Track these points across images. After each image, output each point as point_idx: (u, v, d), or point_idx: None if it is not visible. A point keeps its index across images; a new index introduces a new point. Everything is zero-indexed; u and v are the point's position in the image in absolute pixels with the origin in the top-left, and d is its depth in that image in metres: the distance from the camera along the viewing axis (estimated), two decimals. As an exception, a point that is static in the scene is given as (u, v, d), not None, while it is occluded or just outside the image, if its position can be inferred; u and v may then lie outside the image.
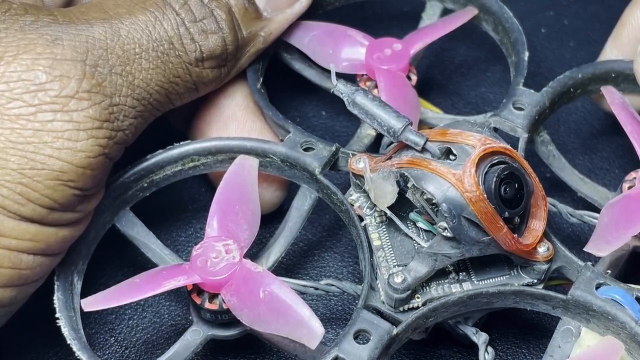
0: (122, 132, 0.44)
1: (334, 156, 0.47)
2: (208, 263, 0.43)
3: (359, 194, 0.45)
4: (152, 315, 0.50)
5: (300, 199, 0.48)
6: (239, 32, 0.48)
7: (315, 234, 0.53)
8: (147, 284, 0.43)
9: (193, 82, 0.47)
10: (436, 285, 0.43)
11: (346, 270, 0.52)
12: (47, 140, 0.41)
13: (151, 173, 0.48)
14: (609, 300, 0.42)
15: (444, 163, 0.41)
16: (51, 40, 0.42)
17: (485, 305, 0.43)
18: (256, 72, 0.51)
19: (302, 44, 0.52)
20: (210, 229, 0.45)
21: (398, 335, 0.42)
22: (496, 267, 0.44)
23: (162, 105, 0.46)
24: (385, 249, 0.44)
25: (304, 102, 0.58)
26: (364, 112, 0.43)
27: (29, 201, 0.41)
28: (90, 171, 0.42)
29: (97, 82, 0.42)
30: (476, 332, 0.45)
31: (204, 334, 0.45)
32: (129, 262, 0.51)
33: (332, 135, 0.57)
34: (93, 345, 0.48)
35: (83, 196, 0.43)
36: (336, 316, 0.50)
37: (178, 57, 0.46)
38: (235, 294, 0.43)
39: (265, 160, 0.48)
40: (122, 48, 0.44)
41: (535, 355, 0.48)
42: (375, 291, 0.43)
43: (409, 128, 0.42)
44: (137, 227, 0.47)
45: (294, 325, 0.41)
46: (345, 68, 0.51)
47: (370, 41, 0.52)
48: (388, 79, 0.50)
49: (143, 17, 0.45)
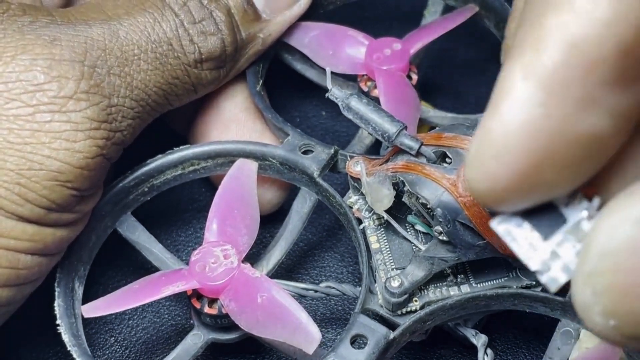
0: (120, 133, 0.44)
1: (333, 159, 0.47)
2: (206, 268, 0.43)
3: (358, 196, 0.45)
4: (152, 315, 0.50)
5: (300, 201, 0.48)
6: (238, 33, 0.48)
7: (316, 234, 0.53)
8: (147, 290, 0.44)
9: (192, 84, 0.47)
10: (434, 288, 0.43)
11: (346, 271, 0.52)
12: (45, 141, 0.41)
13: (151, 178, 0.48)
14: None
15: (439, 168, 0.41)
16: (49, 40, 0.42)
17: (483, 307, 0.43)
18: (256, 74, 0.51)
19: (302, 45, 0.52)
20: (209, 233, 0.45)
21: (395, 340, 0.42)
22: (494, 269, 0.44)
23: (160, 107, 0.46)
24: (383, 251, 0.44)
25: (305, 102, 0.58)
26: (358, 116, 0.43)
27: (26, 201, 0.41)
28: (88, 172, 0.42)
29: (95, 82, 0.42)
30: (475, 334, 0.45)
31: (205, 337, 0.45)
32: (131, 265, 0.51)
33: (333, 135, 0.57)
34: (93, 345, 0.49)
35: (81, 197, 0.43)
36: (336, 317, 0.50)
37: (177, 58, 0.46)
38: (234, 299, 0.43)
39: (265, 163, 0.48)
40: (121, 49, 0.44)
41: (535, 356, 0.48)
42: (374, 294, 0.43)
43: (403, 132, 0.42)
44: (139, 231, 0.47)
45: (292, 330, 0.42)
46: (346, 68, 0.51)
47: (370, 41, 0.51)
48: (388, 79, 0.49)
49: (142, 18, 0.45)
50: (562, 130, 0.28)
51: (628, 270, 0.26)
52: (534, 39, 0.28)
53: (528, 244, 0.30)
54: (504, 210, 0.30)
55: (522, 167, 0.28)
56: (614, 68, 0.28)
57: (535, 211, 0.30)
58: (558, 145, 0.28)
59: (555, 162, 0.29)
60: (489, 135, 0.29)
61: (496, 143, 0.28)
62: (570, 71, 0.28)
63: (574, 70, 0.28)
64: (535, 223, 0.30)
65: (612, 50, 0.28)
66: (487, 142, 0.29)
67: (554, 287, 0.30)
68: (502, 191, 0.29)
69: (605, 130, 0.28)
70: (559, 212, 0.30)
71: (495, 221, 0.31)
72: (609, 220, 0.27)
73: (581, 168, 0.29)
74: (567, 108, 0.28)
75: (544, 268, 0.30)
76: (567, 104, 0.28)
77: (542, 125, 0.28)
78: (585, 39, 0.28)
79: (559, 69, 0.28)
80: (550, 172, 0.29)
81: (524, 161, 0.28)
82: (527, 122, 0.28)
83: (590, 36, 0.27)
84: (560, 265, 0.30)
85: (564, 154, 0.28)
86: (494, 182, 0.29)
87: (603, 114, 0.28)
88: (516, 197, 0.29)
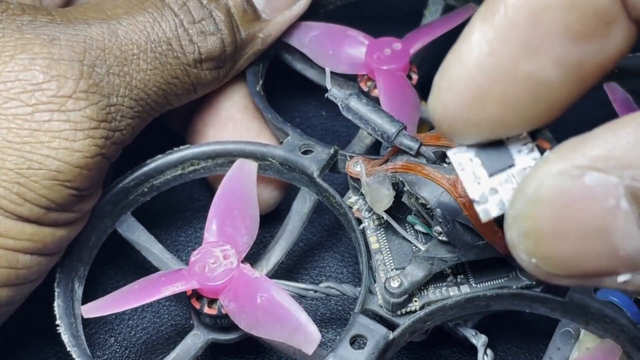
0: (120, 132, 0.44)
1: (333, 159, 0.47)
2: (206, 269, 0.43)
3: (358, 196, 0.45)
4: (151, 315, 0.50)
5: (300, 201, 0.48)
6: (238, 33, 0.48)
7: (316, 234, 0.53)
8: (146, 291, 0.44)
9: (191, 83, 0.47)
10: (434, 289, 0.43)
11: (346, 271, 0.52)
12: (44, 140, 0.41)
13: (151, 178, 0.48)
14: (607, 302, 0.42)
15: (438, 168, 0.41)
16: (49, 40, 0.42)
17: (483, 307, 0.43)
18: (256, 74, 0.51)
19: (302, 45, 0.52)
20: (209, 233, 0.45)
21: (395, 340, 0.42)
22: (494, 269, 0.43)
23: (159, 106, 0.46)
24: (383, 252, 0.44)
25: (305, 102, 0.58)
26: (357, 116, 0.43)
27: (26, 201, 0.41)
28: (87, 171, 0.42)
29: (94, 82, 0.42)
30: (475, 334, 0.45)
31: (205, 338, 0.45)
32: (130, 265, 0.51)
33: (333, 135, 0.57)
34: (93, 346, 0.49)
35: (80, 196, 0.43)
36: (336, 317, 0.50)
37: (176, 58, 0.46)
38: (233, 300, 0.43)
39: (265, 163, 0.48)
40: (120, 49, 0.44)
41: (535, 356, 0.48)
42: (374, 294, 0.43)
43: (402, 133, 0.42)
44: (138, 231, 0.47)
45: (291, 331, 0.42)
46: (346, 68, 0.51)
47: (370, 41, 0.51)
48: (388, 79, 0.49)
49: (141, 17, 0.45)
50: (506, 69, 0.32)
51: (545, 218, 0.30)
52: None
53: (474, 176, 0.34)
54: (459, 141, 0.34)
55: (469, 97, 0.32)
56: (559, 19, 0.31)
57: (490, 151, 0.34)
58: (501, 83, 0.32)
59: (499, 97, 0.32)
60: (447, 68, 0.33)
61: (450, 75, 0.33)
62: (519, 16, 0.31)
63: (522, 16, 0.31)
64: (486, 161, 0.34)
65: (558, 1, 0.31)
66: (445, 73, 0.33)
67: (485, 218, 0.34)
68: (453, 119, 0.33)
69: (550, 77, 0.32)
70: (510, 156, 0.34)
71: (452, 151, 0.35)
72: (536, 172, 0.30)
73: (525, 109, 0.32)
74: (511, 49, 0.31)
75: (481, 199, 0.34)
76: (512, 46, 0.31)
77: (488, 62, 0.32)
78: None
79: (509, 14, 0.31)
80: (494, 106, 0.32)
81: (471, 92, 0.32)
82: (476, 58, 0.32)
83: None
84: (496, 200, 0.34)
85: (506, 91, 0.32)
86: (445, 110, 0.33)
87: (547, 61, 0.31)
88: (466, 127, 0.33)
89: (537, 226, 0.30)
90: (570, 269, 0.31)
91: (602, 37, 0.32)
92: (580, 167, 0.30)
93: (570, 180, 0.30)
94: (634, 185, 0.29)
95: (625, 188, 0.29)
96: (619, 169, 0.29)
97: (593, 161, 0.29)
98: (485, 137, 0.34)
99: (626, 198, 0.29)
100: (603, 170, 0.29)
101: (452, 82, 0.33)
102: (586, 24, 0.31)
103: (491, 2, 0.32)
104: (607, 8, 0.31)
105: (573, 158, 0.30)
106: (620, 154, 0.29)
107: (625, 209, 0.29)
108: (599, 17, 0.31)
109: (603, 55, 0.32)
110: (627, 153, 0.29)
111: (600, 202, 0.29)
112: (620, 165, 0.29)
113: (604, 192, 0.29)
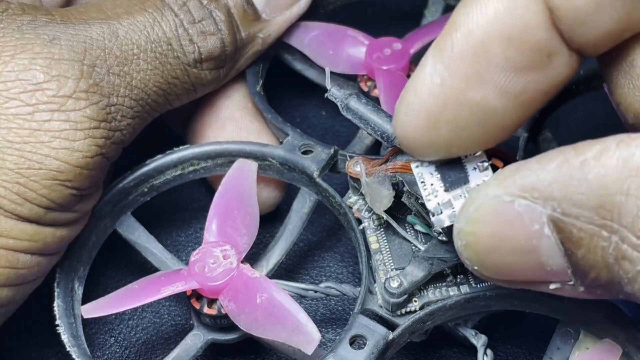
0: (120, 132, 0.44)
1: (333, 159, 0.47)
2: (206, 269, 0.44)
3: (358, 196, 0.45)
4: (151, 315, 0.50)
5: (299, 201, 0.48)
6: (238, 33, 0.48)
7: (316, 234, 0.53)
8: (146, 291, 0.44)
9: (191, 84, 0.47)
10: (434, 289, 0.43)
11: (346, 271, 0.52)
12: (44, 140, 0.41)
13: (151, 178, 0.48)
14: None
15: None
16: (49, 40, 0.42)
17: (483, 308, 0.43)
18: (256, 75, 0.51)
19: (302, 45, 0.52)
20: (209, 233, 0.45)
21: (394, 340, 0.42)
22: (494, 269, 0.44)
23: (160, 106, 0.46)
24: (383, 252, 0.44)
25: (305, 102, 0.58)
26: (357, 117, 0.43)
27: (26, 201, 0.41)
28: (88, 171, 0.42)
29: (94, 82, 0.42)
30: (475, 334, 0.45)
31: (204, 338, 0.45)
32: (130, 265, 0.51)
33: (333, 135, 0.56)
34: (93, 346, 0.48)
35: (80, 196, 0.43)
36: (336, 317, 0.50)
37: (176, 58, 0.46)
38: (233, 300, 0.43)
39: (265, 163, 0.48)
40: (120, 48, 0.44)
41: (535, 356, 0.48)
42: (374, 294, 0.43)
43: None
44: (139, 231, 0.47)
45: (291, 331, 0.42)
46: (346, 68, 0.51)
47: (370, 41, 0.51)
48: (388, 79, 0.49)
49: (141, 18, 0.45)
50: (454, 97, 0.36)
51: (482, 235, 0.35)
52: (447, 27, 0.36)
53: (432, 189, 0.39)
54: (421, 158, 0.39)
55: (423, 122, 0.37)
56: (499, 53, 0.35)
57: (449, 167, 0.39)
58: (450, 109, 0.36)
59: (449, 122, 0.36)
60: (405, 95, 0.37)
61: (407, 102, 0.37)
62: (464, 52, 0.35)
63: (466, 51, 0.35)
64: (444, 176, 0.39)
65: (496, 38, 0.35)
66: (402, 100, 0.37)
67: (438, 227, 0.39)
68: (411, 139, 0.38)
69: (495, 105, 0.36)
70: (466, 173, 0.39)
71: (414, 164, 0.40)
72: (478, 194, 0.35)
73: (474, 133, 0.37)
74: (459, 80, 0.36)
75: (436, 210, 0.39)
76: (459, 77, 0.35)
77: (439, 92, 0.36)
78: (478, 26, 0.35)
79: (455, 49, 0.35)
80: (445, 130, 0.37)
81: (424, 117, 0.37)
82: (428, 88, 0.36)
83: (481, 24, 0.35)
84: (449, 213, 0.39)
85: (456, 117, 0.36)
86: (404, 132, 0.38)
87: (491, 90, 0.36)
88: (423, 147, 0.38)
89: (475, 241, 0.35)
90: (505, 277, 0.36)
91: (545, 66, 0.35)
92: (511, 194, 0.34)
93: (503, 205, 0.34)
94: (554, 215, 0.33)
95: (547, 217, 0.33)
96: (542, 199, 0.33)
97: (522, 190, 0.33)
98: (441, 155, 0.39)
99: (548, 225, 0.33)
100: (529, 199, 0.33)
101: (409, 108, 0.37)
102: (526, 57, 0.35)
103: (442, 37, 0.36)
104: (546, 41, 0.35)
105: (506, 185, 0.34)
106: (543, 187, 0.33)
107: (547, 234, 0.33)
108: (539, 50, 0.35)
109: (547, 82, 0.36)
110: (549, 187, 0.33)
111: (527, 225, 0.33)
112: (543, 197, 0.33)
113: (530, 217, 0.33)
